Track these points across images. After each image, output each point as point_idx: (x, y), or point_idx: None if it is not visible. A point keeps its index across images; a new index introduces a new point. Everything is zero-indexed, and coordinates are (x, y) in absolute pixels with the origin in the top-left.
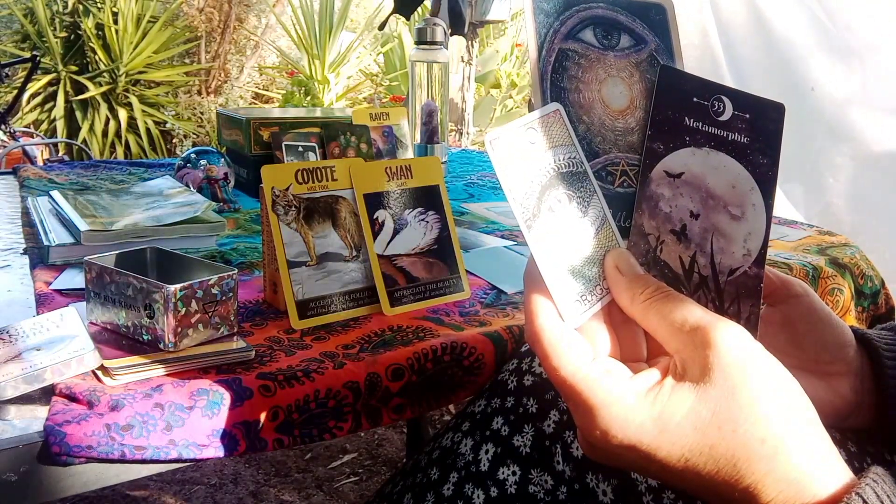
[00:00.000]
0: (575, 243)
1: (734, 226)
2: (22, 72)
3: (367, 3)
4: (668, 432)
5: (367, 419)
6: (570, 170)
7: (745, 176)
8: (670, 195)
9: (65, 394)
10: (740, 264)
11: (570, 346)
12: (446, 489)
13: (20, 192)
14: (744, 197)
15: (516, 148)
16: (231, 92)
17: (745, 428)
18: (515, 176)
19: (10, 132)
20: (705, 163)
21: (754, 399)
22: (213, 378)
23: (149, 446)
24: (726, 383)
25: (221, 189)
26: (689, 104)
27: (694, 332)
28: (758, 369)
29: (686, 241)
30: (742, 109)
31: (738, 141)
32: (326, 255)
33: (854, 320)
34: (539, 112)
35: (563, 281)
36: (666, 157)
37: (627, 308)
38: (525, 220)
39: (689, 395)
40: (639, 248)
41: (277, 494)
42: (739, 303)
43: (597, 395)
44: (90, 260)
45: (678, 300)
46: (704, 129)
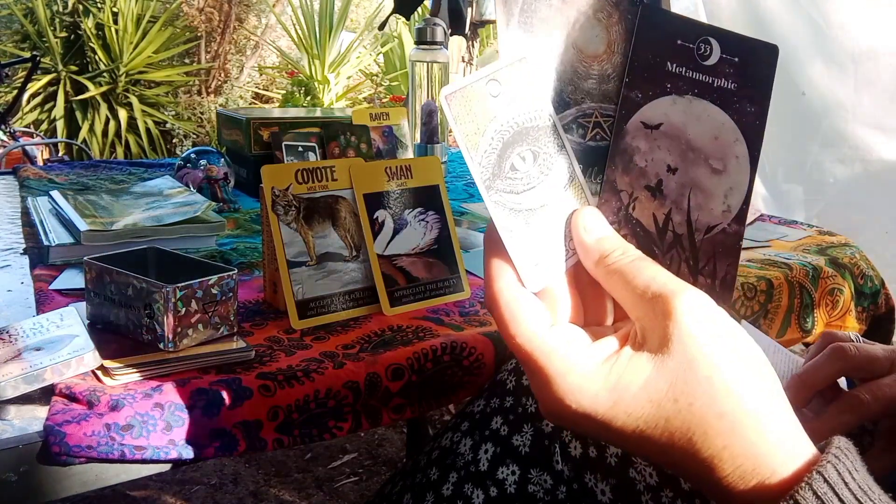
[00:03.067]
0: (539, 203)
1: (714, 180)
2: (22, 72)
3: (367, 3)
4: (622, 403)
5: (367, 419)
6: (536, 123)
7: (730, 126)
8: (646, 148)
9: (65, 394)
10: (719, 221)
11: (527, 312)
12: (446, 489)
13: (20, 192)
14: (727, 149)
15: (476, 102)
16: (231, 92)
17: (702, 401)
18: (474, 133)
19: (10, 132)
20: (687, 112)
21: (713, 372)
22: (213, 378)
23: (149, 446)
24: (685, 355)
25: (221, 189)
26: (673, 47)
27: (655, 300)
28: (719, 341)
29: (661, 197)
30: (731, 53)
31: (725, 87)
32: (326, 255)
33: (854, 320)
34: (503, 61)
35: (523, 243)
36: (644, 107)
37: (592, 270)
38: (484, 179)
39: (647, 366)
40: (610, 205)
41: (277, 494)
42: (716, 262)
43: (552, 364)
44: (90, 260)
45: (643, 264)
46: (688, 74)
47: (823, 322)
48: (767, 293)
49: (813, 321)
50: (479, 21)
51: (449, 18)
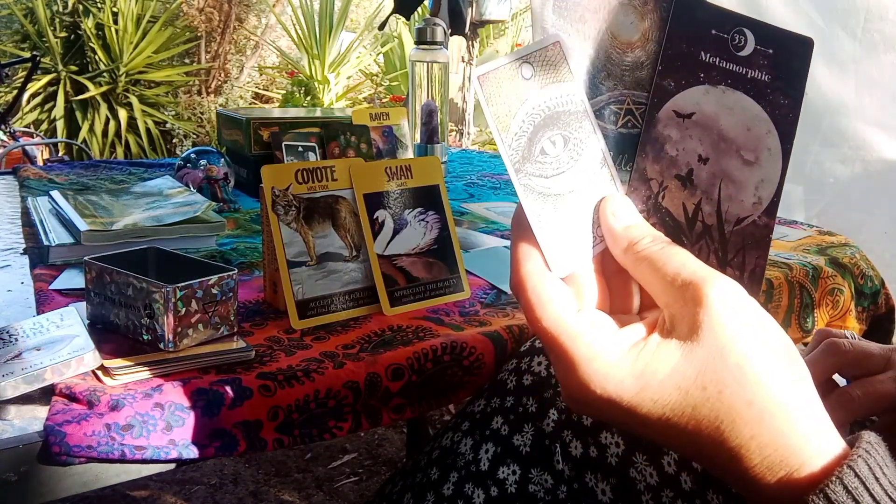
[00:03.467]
0: (568, 188)
1: (746, 171)
2: (22, 72)
3: (367, 3)
4: (649, 389)
5: (367, 419)
6: (567, 108)
7: (763, 117)
8: (678, 137)
9: (65, 394)
10: (749, 213)
11: (553, 297)
12: (446, 489)
13: (20, 192)
14: (759, 140)
15: (508, 84)
16: (231, 92)
17: (731, 389)
18: (505, 115)
19: (10, 132)
20: (720, 102)
21: (743, 361)
22: (213, 378)
23: (149, 446)
24: (715, 343)
25: (221, 189)
26: (707, 37)
27: (685, 288)
28: (750, 330)
29: (692, 186)
30: (765, 44)
31: (759, 79)
32: (326, 255)
33: (854, 320)
34: (537, 44)
35: (551, 228)
36: (676, 96)
37: (620, 258)
38: (514, 162)
39: (675, 353)
40: (639, 193)
41: (277, 494)
42: (745, 254)
43: (578, 349)
44: (90, 260)
45: (673, 252)
46: (721, 64)
47: (824, 322)
48: (767, 293)
49: (813, 321)
50: (479, 21)
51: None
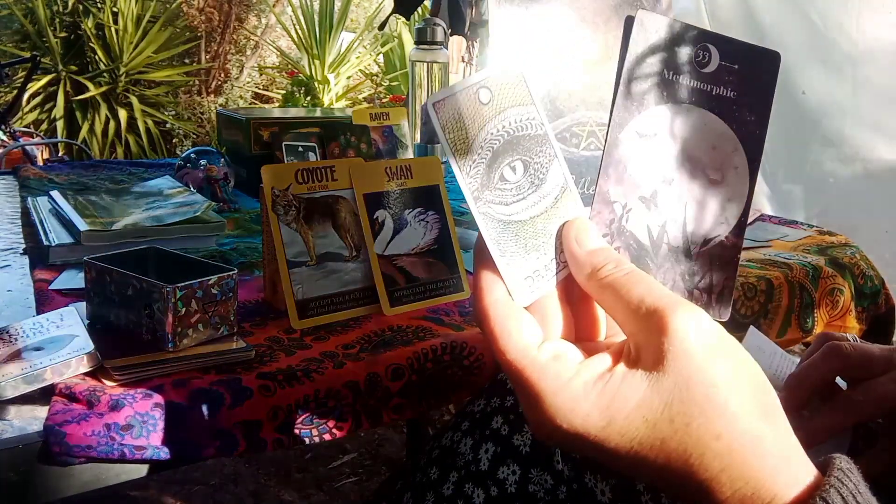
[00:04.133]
0: (529, 214)
1: (712, 191)
2: (22, 72)
3: (367, 3)
4: (616, 424)
5: (367, 419)
6: (527, 132)
7: (729, 135)
8: (641, 158)
9: (65, 394)
10: (716, 234)
11: (517, 328)
12: (446, 488)
13: (20, 192)
14: (725, 159)
15: (465, 109)
16: (231, 92)
17: (699, 422)
18: (462, 141)
19: (10, 132)
20: (684, 121)
21: (710, 391)
22: (213, 378)
23: (149, 446)
24: (681, 374)
25: (221, 189)
26: (669, 55)
27: (650, 316)
28: (716, 359)
29: (656, 208)
30: (731, 59)
31: (724, 95)
32: (326, 255)
33: (854, 320)
34: (493, 68)
35: (513, 256)
36: (639, 116)
37: (584, 284)
38: (472, 190)
39: (641, 385)
40: (603, 216)
41: (277, 494)
42: (712, 275)
43: (543, 382)
44: (90, 260)
45: (637, 278)
46: (685, 82)
47: (824, 322)
48: (767, 293)
49: (813, 321)
50: (478, 21)
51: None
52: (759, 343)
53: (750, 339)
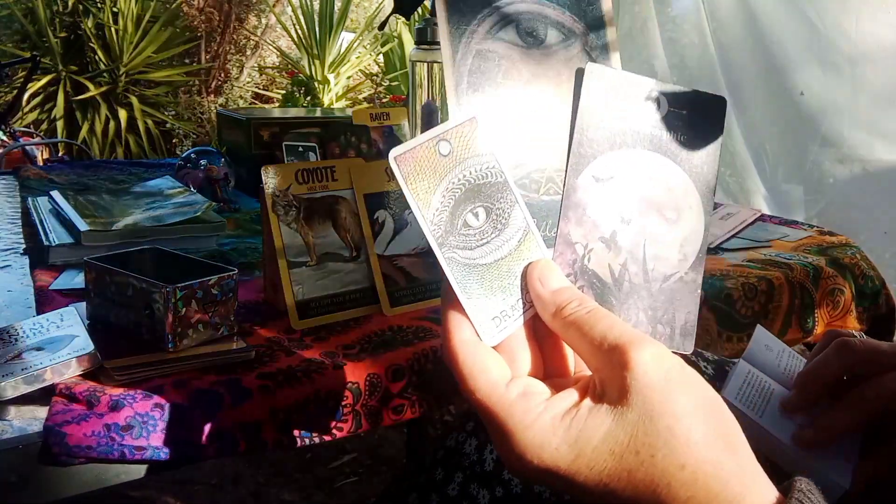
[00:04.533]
0: (493, 257)
1: (669, 230)
2: (22, 72)
3: (367, 3)
4: (584, 457)
5: (368, 420)
6: (488, 180)
7: (682, 176)
8: (599, 201)
9: (65, 394)
10: (675, 270)
11: (485, 367)
12: (451, 489)
13: (20, 192)
14: (679, 199)
15: (426, 161)
16: (231, 92)
17: (663, 453)
18: (425, 191)
19: (10, 132)
20: (637, 164)
21: (673, 423)
22: (213, 378)
23: (149, 446)
24: (644, 407)
25: (221, 189)
26: (620, 104)
27: (612, 352)
28: (677, 391)
29: (616, 248)
30: (679, 106)
31: (674, 140)
32: (326, 255)
33: (854, 321)
34: (452, 122)
35: (479, 298)
36: (595, 161)
37: (549, 322)
38: (436, 237)
39: (607, 419)
40: (565, 257)
41: (277, 494)
42: (674, 310)
43: (512, 419)
44: (90, 260)
45: (599, 316)
46: (637, 128)
47: (824, 322)
48: (768, 293)
49: (814, 321)
50: None
51: None
52: (767, 342)
53: (757, 337)
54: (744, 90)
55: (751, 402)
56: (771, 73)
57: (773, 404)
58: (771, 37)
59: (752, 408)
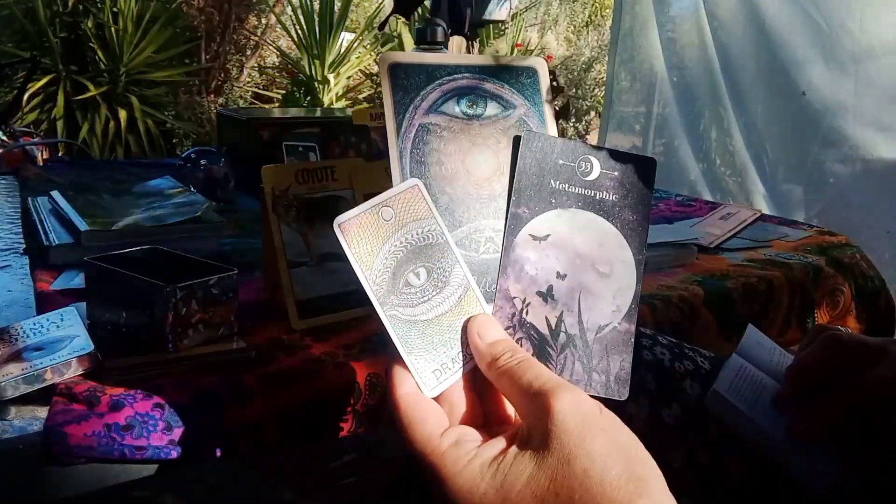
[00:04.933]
0: (434, 313)
1: (602, 283)
2: (22, 72)
3: (367, 3)
4: (509, 501)
5: (367, 419)
6: (429, 242)
7: (614, 233)
8: (536, 257)
9: (65, 394)
10: (609, 320)
11: (422, 419)
12: None
13: (20, 192)
14: (612, 254)
15: (369, 227)
16: (231, 92)
17: (580, 494)
18: (368, 254)
19: (11, 132)
20: (572, 223)
21: (588, 465)
22: (213, 378)
23: (149, 446)
24: (562, 451)
25: (221, 189)
26: (555, 167)
27: (536, 398)
28: (592, 435)
29: (553, 301)
30: (610, 168)
31: (606, 199)
32: (326, 255)
33: (854, 320)
34: (395, 189)
35: (420, 352)
36: (531, 221)
37: (486, 372)
38: (378, 297)
39: (530, 464)
40: (504, 311)
41: (277, 494)
42: (609, 359)
43: (444, 467)
44: (90, 260)
45: (528, 365)
46: (571, 189)
47: (824, 322)
48: (768, 293)
49: (813, 321)
50: (478, 21)
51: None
52: (758, 339)
53: (749, 336)
54: (745, 90)
55: (742, 395)
56: (773, 73)
57: (764, 398)
58: (773, 36)
59: (743, 401)
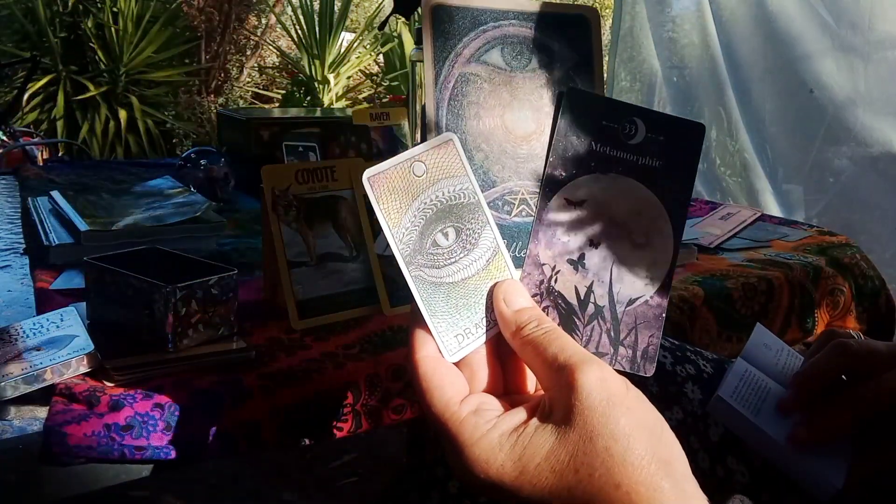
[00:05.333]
0: (461, 276)
1: (637, 254)
2: (22, 72)
3: (367, 3)
4: (527, 474)
5: (368, 419)
6: (460, 201)
7: (654, 202)
8: (570, 223)
9: (65, 394)
10: (641, 294)
11: (441, 384)
12: (452, 486)
13: (20, 192)
14: (650, 224)
15: (399, 182)
16: (231, 92)
17: (600, 472)
18: (396, 211)
19: (11, 132)
20: (610, 189)
21: (611, 444)
22: (213, 378)
23: (149, 446)
24: (585, 427)
25: (221, 189)
26: (597, 127)
27: (561, 372)
28: (617, 413)
29: (583, 270)
30: (656, 132)
31: (650, 165)
32: (326, 255)
33: (854, 320)
34: (429, 143)
35: (443, 316)
36: (568, 184)
37: (510, 341)
38: (404, 256)
39: (550, 438)
40: (532, 278)
41: (277, 494)
42: (637, 333)
43: (462, 434)
44: (90, 260)
45: (554, 336)
46: (612, 153)
47: (824, 322)
48: (768, 293)
49: (813, 321)
50: None
51: None
52: (766, 340)
53: (756, 335)
54: (752, 88)
55: (746, 400)
56: (780, 71)
57: (769, 403)
58: (781, 34)
59: (747, 407)
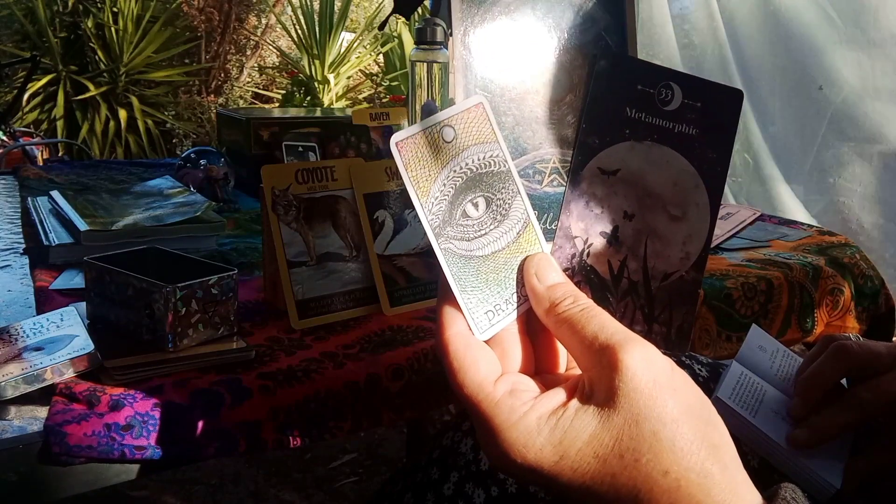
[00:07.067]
0: (491, 249)
1: (673, 227)
2: (22, 72)
3: (367, 3)
4: (568, 459)
5: (367, 419)
6: (491, 169)
7: (691, 172)
8: (603, 194)
9: (65, 394)
10: (676, 269)
11: (474, 362)
12: (447, 488)
13: (20, 192)
14: (686, 195)
15: (428, 148)
16: (231, 92)
17: (647, 458)
18: (425, 179)
19: (11, 132)
20: (646, 158)
21: (659, 428)
22: (213, 378)
23: (149, 446)
24: (630, 410)
25: (221, 189)
26: (632, 92)
27: (602, 352)
28: (664, 395)
29: (617, 244)
30: (693, 97)
31: (686, 133)
32: (326, 255)
33: (854, 320)
34: (458, 106)
35: (473, 291)
36: (601, 153)
37: (542, 318)
38: (433, 227)
39: (593, 421)
40: (564, 251)
41: (277, 494)
42: (672, 310)
43: (498, 416)
44: (90, 260)
45: (592, 314)
46: (648, 120)
47: (824, 322)
48: (767, 293)
49: (813, 321)
50: None
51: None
52: (761, 342)
53: (751, 337)
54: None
55: (744, 402)
56: (783, 70)
57: (766, 405)
58: (787, 29)
59: (745, 408)
